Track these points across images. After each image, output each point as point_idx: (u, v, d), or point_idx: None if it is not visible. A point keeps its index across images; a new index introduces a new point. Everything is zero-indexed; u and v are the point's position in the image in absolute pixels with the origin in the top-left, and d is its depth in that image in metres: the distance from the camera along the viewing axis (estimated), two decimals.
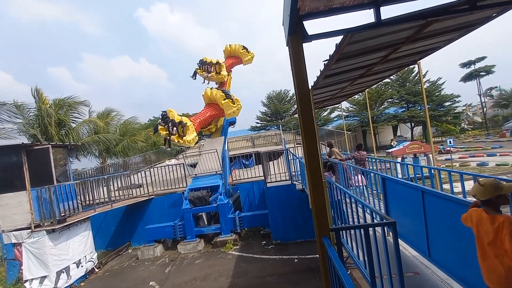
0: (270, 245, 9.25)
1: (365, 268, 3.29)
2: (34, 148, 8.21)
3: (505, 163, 17.18)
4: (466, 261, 2.81)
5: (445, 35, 4.60)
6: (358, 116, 36.42)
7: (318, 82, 5.11)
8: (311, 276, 6.76)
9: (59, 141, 14.74)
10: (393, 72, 7.70)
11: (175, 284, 7.38)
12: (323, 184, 2.72)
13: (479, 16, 3.97)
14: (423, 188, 3.66)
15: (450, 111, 36.15)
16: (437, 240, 3.41)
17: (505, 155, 20.67)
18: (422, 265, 3.91)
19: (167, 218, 10.81)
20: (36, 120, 15.31)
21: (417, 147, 17.40)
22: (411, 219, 4.03)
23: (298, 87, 2.69)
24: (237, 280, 7.11)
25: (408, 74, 35.81)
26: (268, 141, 24.21)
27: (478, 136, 38.33)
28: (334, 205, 4.90)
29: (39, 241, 7.66)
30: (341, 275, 1.96)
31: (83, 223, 8.99)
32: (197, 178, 11.44)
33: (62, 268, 7.92)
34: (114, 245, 11.11)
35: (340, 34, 2.91)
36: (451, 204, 3.03)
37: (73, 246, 8.42)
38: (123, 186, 11.36)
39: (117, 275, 8.68)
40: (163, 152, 22.66)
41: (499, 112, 48.69)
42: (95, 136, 17.39)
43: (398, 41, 4.36)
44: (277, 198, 9.48)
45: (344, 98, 11.48)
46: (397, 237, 2.56)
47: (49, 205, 7.82)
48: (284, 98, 42.60)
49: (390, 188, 4.74)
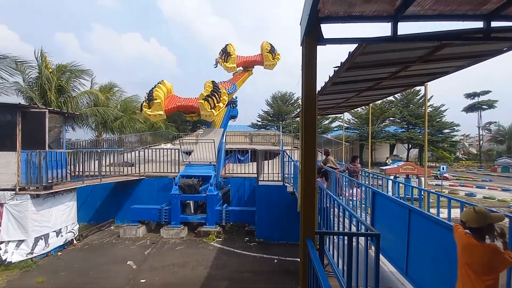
0: (252, 242, 9.29)
1: (343, 277, 3.33)
2: (31, 110, 8.10)
3: (492, 196, 17.46)
4: (441, 284, 2.86)
5: (456, 61, 4.64)
6: (358, 130, 36.66)
7: (325, 87, 5.13)
8: (288, 278, 6.81)
9: (57, 107, 14.56)
10: (400, 90, 7.76)
11: (153, 267, 7.37)
12: (315, 184, 2.73)
13: (491, 48, 4.02)
14: (411, 207, 3.70)
15: (447, 138, 36.61)
16: (416, 259, 3.46)
17: (493, 189, 20.99)
18: (397, 281, 3.96)
19: (155, 201, 10.78)
20: (36, 83, 15.09)
21: (411, 168, 17.57)
22: (394, 235, 4.08)
23: (306, 89, 2.69)
24: (215, 271, 7.14)
25: (413, 96, 36.11)
26: (266, 140, 24.22)
27: (470, 167, 38.80)
28: (322, 211, 4.93)
29: (21, 204, 7.58)
30: (319, 277, 1.98)
31: (69, 193, 8.92)
32: (190, 166, 11.42)
33: (41, 234, 7.86)
34: (97, 219, 11.05)
35: (355, 42, 2.92)
36: (436, 227, 3.07)
37: (56, 214, 8.35)
38: (115, 162, 11.29)
39: (96, 249, 8.64)
40: (160, 135, 22.55)
41: (494, 147, 49.40)
42: (95, 108, 17.22)
43: (410, 59, 4.39)
44: (266, 197, 9.51)
45: (348, 108, 11.54)
46: (378, 250, 2.58)
47: (37, 170, 7.74)
48: (288, 100, 42.68)
49: (379, 202, 4.78)
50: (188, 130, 37.61)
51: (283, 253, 8.39)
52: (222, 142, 13.32)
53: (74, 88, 17.04)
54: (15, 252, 7.49)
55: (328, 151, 9.53)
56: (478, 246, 2.12)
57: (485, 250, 2.09)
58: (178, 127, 39.37)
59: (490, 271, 2.08)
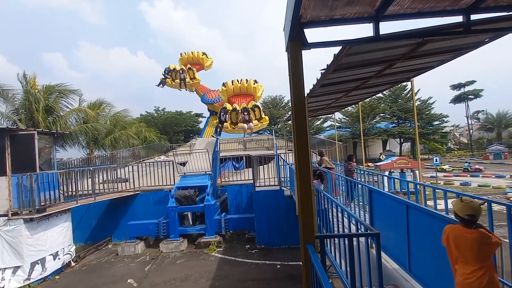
0: (254, 249, 9.20)
1: (346, 278, 3.31)
2: (19, 133, 7.94)
3: (486, 184, 17.73)
4: (443, 276, 2.86)
5: (439, 56, 4.75)
6: (350, 128, 37.05)
7: (314, 90, 5.17)
8: (292, 283, 6.74)
9: (45, 128, 14.32)
10: (387, 87, 7.88)
11: (154, 283, 7.21)
12: (311, 191, 2.73)
13: (473, 40, 4.12)
14: (408, 202, 3.73)
15: (438, 130, 37.29)
16: (418, 254, 3.47)
17: (487, 176, 21.34)
18: (402, 278, 3.96)
19: (152, 215, 10.60)
20: (22, 105, 14.85)
21: (404, 162, 17.78)
22: (394, 232, 4.08)
23: (294, 93, 2.71)
24: (218, 282, 7.02)
25: (401, 91, 36.77)
26: (260, 145, 24.20)
27: (463, 156, 39.48)
28: (321, 213, 4.92)
29: (15, 230, 7.35)
30: (322, 283, 1.96)
31: (64, 214, 8.71)
32: (185, 177, 11.31)
33: (38, 259, 7.62)
34: (94, 239, 10.80)
35: (339, 44, 2.96)
36: (434, 220, 3.09)
37: (51, 237, 8.13)
38: (108, 179, 11.10)
39: (95, 270, 8.42)
40: (153, 148, 22.34)
41: (484, 135, 50.48)
42: (84, 126, 17.00)
43: (394, 57, 4.48)
44: (264, 202, 9.45)
45: (338, 108, 11.66)
46: (379, 249, 2.58)
47: (29, 193, 7.55)
48: (279, 104, 42.90)
49: (376, 200, 4.80)
50: (181, 141, 37.40)
51: (285, 258, 8.32)
52: (216, 151, 13.27)
53: (63, 108, 16.86)
54: (12, 279, 7.24)
55: (322, 151, 9.58)
56: (468, 233, 2.24)
57: (474, 235, 2.21)
58: (171, 139, 39.16)
59: (484, 256, 2.18)
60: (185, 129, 42.27)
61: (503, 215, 3.34)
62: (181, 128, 41.76)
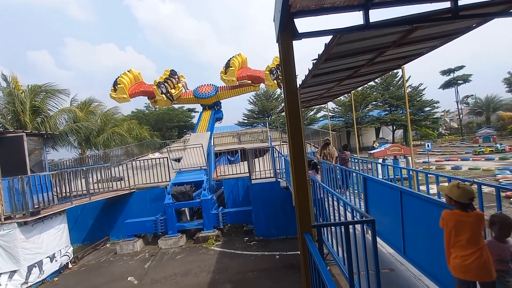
0: (252, 241, 9.30)
1: (344, 265, 3.38)
2: (6, 135, 7.75)
3: (476, 167, 18.20)
4: (437, 259, 2.96)
5: (428, 42, 4.77)
6: (343, 117, 37.26)
7: (306, 81, 5.16)
8: (291, 272, 6.87)
9: (34, 129, 14.00)
10: (378, 75, 7.91)
11: (155, 280, 7.26)
12: (307, 181, 2.76)
13: (461, 26, 4.14)
14: (402, 188, 3.80)
15: (429, 116, 37.82)
16: (412, 238, 3.56)
17: (477, 160, 21.88)
18: (397, 262, 4.07)
19: (149, 213, 10.57)
20: (6, 107, 14.44)
21: (397, 149, 18.07)
22: (389, 218, 4.17)
23: (286, 84, 2.70)
24: (218, 275, 7.10)
25: (392, 79, 37.01)
26: (254, 138, 24.22)
27: (454, 141, 40.26)
28: (317, 202, 4.99)
29: (9, 234, 7.24)
30: (320, 270, 2.00)
31: (59, 216, 8.61)
32: (181, 173, 11.27)
33: (34, 262, 7.55)
34: (92, 239, 10.74)
35: (329, 34, 2.94)
36: (427, 204, 3.16)
37: (47, 239, 8.05)
38: (102, 178, 10.98)
39: (94, 270, 8.41)
40: (146, 145, 22.12)
41: (474, 119, 51.44)
42: (74, 125, 16.67)
43: (385, 45, 4.48)
44: (261, 195, 9.52)
45: (331, 98, 11.68)
46: (375, 235, 2.64)
47: (21, 196, 7.42)
48: (271, 96, 42.73)
49: (370, 187, 4.88)
50: (174, 137, 37.08)
51: (283, 248, 8.44)
52: (211, 145, 13.21)
53: (51, 108, 16.45)
54: (8, 284, 7.16)
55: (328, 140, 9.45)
56: (467, 217, 2.32)
57: (473, 218, 2.30)
58: (164, 135, 38.78)
59: (480, 237, 2.30)
60: (178, 124, 41.83)
61: (493, 196, 3.44)
62: (173, 124, 41.31)
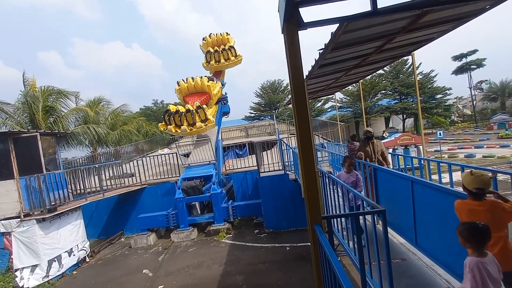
0: (262, 233, 9.40)
1: (354, 255, 3.39)
2: (22, 136, 7.99)
3: (491, 155, 17.68)
4: (449, 248, 2.92)
5: (439, 26, 4.59)
6: (351, 107, 36.65)
7: (312, 71, 5.08)
8: (302, 263, 6.93)
9: (47, 128, 14.38)
10: (387, 62, 7.71)
11: (169, 272, 7.46)
12: (315, 173, 2.74)
13: (473, 8, 3.97)
14: (413, 178, 3.74)
15: (441, 103, 36.72)
16: (424, 228, 3.52)
17: (491, 147, 21.24)
18: (409, 251, 4.04)
19: (160, 207, 10.80)
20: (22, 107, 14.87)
21: (408, 138, 17.69)
22: (400, 208, 4.13)
23: (292, 75, 2.66)
24: (230, 267, 7.23)
25: (402, 66, 36.01)
26: (261, 131, 24.17)
27: (467, 128, 39.18)
28: (326, 194, 4.97)
29: (29, 230, 7.57)
30: (331, 261, 2.01)
31: (74, 212, 8.91)
32: (190, 168, 11.41)
33: (54, 257, 7.89)
34: (107, 234, 11.09)
35: (335, 22, 2.86)
36: (439, 194, 3.10)
37: (65, 235, 8.37)
38: (114, 175, 11.25)
39: (110, 263, 8.70)
40: (155, 142, 22.41)
41: (488, 105, 49.77)
42: (85, 126, 17.04)
43: (394, 31, 4.35)
44: (270, 187, 9.56)
45: (338, 88, 11.48)
46: (386, 225, 2.62)
47: (38, 194, 7.70)
48: (278, 88, 42.33)
49: (380, 178, 4.82)
50: None
51: (293, 240, 8.50)
52: (219, 140, 13.28)
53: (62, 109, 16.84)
54: (31, 278, 7.53)
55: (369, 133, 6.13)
56: (478, 206, 2.24)
57: (487, 206, 2.21)
58: None
59: (499, 225, 2.19)
60: None
61: (508, 184, 3.35)
62: None
